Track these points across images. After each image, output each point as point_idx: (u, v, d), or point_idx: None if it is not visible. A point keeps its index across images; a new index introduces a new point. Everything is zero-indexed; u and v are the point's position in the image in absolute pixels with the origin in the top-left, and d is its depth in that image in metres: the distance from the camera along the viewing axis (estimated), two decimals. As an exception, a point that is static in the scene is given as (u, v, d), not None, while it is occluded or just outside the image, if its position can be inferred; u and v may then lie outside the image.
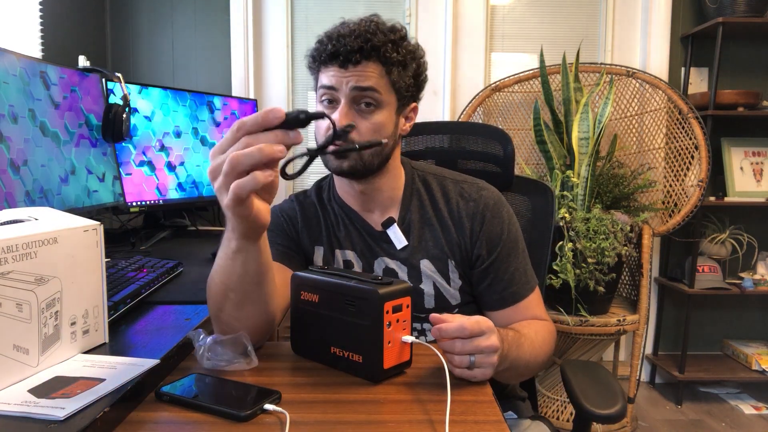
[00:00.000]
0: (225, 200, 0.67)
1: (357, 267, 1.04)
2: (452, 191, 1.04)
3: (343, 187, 1.05)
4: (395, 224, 1.02)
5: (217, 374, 0.76)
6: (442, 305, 1.01)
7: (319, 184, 1.12)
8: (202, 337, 0.78)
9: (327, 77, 0.94)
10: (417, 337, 1.00)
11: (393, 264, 1.02)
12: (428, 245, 1.02)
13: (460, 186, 1.05)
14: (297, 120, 0.65)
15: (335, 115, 0.92)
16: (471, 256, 1.02)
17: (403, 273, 1.02)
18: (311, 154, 0.71)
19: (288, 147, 0.65)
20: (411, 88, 0.98)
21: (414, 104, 1.03)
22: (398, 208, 1.04)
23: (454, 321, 0.75)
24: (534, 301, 1.02)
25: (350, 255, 1.04)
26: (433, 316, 0.77)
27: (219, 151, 0.67)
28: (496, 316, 1.00)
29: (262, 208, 0.71)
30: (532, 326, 0.96)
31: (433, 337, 0.77)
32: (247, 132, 0.65)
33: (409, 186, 1.05)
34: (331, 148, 0.74)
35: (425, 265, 1.01)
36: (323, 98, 0.96)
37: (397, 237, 1.02)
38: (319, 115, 0.68)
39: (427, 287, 1.01)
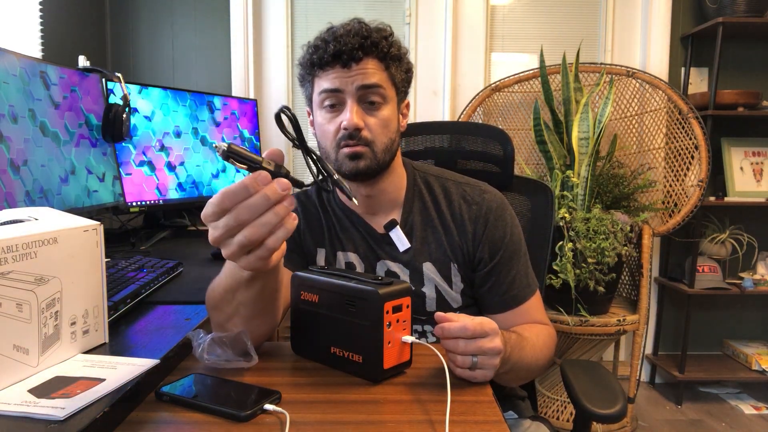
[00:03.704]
0: (243, 265, 0.64)
1: (359, 269, 1.03)
2: (454, 193, 1.04)
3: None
4: (398, 226, 1.02)
5: (216, 372, 0.76)
6: (444, 308, 1.01)
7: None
8: (201, 335, 0.78)
9: (329, 80, 0.93)
10: (419, 339, 1.00)
11: (395, 267, 1.02)
12: (431, 247, 1.02)
13: (462, 188, 1.04)
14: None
15: (345, 115, 0.92)
16: (473, 259, 1.01)
17: (405, 276, 1.01)
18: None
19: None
20: (404, 82, 1.00)
21: (407, 100, 1.04)
22: (400, 210, 1.03)
23: (457, 321, 0.75)
24: (535, 304, 1.02)
25: (353, 257, 1.04)
26: (438, 314, 0.77)
27: (221, 210, 0.62)
28: (496, 319, 0.99)
29: (279, 252, 0.67)
30: (534, 330, 0.96)
31: (436, 335, 0.76)
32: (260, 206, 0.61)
33: (411, 187, 1.05)
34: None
35: (428, 268, 1.01)
36: (325, 103, 0.95)
37: (400, 239, 1.01)
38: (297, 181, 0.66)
39: (428, 290, 1.01)
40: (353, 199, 0.74)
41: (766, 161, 2.52)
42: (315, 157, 0.69)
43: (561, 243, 1.93)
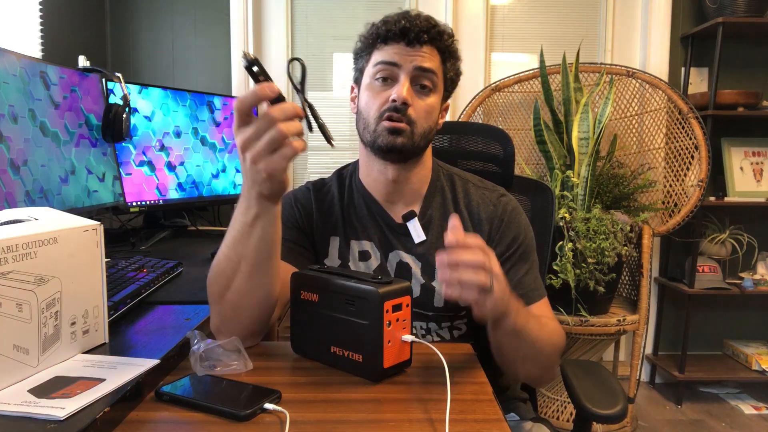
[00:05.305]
0: (265, 166, 0.71)
1: (374, 258, 1.03)
2: (474, 194, 1.06)
3: (371, 173, 1.04)
4: (416, 218, 1.03)
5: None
6: (452, 304, 1.00)
7: (340, 173, 1.12)
8: (196, 342, 0.77)
9: (388, 54, 0.95)
10: (424, 337, 1.00)
11: (408, 258, 1.02)
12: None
13: (482, 191, 1.06)
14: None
15: (397, 88, 0.94)
16: None
17: (417, 268, 1.02)
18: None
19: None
20: (451, 83, 1.03)
21: (447, 103, 1.06)
22: (421, 202, 1.05)
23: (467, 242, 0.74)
24: (542, 310, 1.01)
25: (367, 245, 1.04)
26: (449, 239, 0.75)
27: (244, 123, 0.71)
28: None
29: (287, 179, 0.76)
30: (543, 318, 0.97)
31: (448, 243, 0.74)
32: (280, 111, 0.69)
33: (435, 182, 1.06)
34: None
35: None
36: (378, 75, 0.97)
37: (417, 231, 1.02)
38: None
39: (438, 285, 1.01)
40: (331, 142, 0.79)
41: (766, 161, 2.52)
42: (309, 104, 0.79)
43: (561, 243, 1.93)
